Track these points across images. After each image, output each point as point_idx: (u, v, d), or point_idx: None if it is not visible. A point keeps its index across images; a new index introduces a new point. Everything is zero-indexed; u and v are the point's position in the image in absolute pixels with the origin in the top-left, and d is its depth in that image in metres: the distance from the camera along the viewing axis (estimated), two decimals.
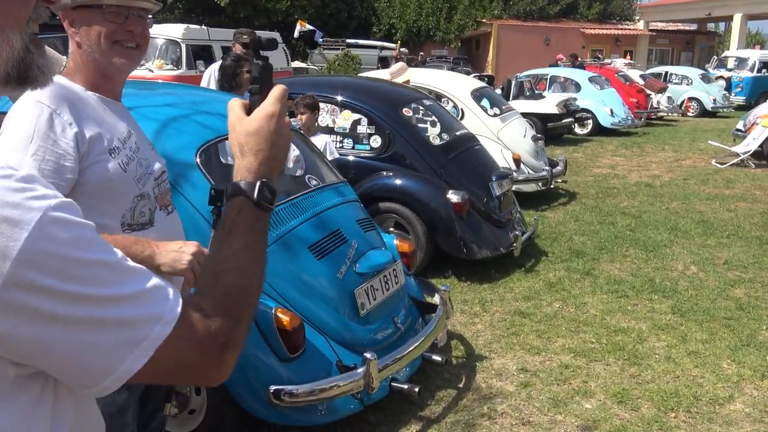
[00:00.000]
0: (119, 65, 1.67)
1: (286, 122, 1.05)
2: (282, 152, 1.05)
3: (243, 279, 0.91)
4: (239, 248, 0.93)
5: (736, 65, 22.65)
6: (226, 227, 0.96)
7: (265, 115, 1.02)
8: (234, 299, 0.88)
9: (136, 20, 1.67)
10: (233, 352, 0.86)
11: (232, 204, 0.98)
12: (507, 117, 7.99)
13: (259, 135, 1.01)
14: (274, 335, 2.69)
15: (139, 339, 0.76)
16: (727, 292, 4.94)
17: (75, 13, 1.64)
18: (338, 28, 28.30)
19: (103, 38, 1.63)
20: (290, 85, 6.13)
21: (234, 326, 0.86)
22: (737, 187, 8.96)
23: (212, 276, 0.90)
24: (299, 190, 3.40)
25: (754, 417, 3.25)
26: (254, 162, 1.01)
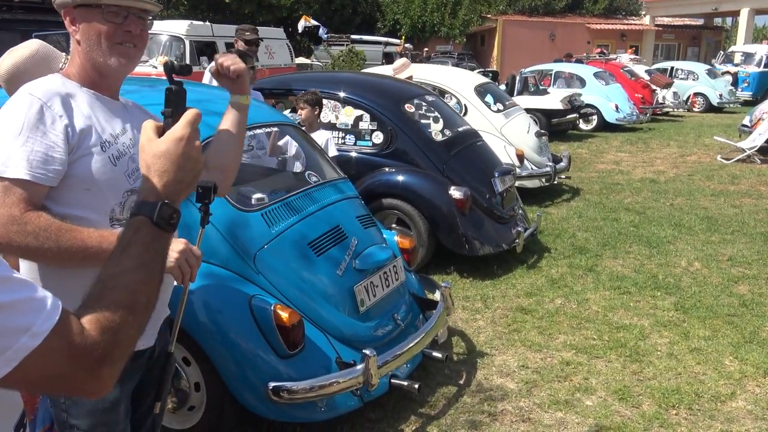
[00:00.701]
0: (117, 64, 1.67)
1: (196, 146, 1.06)
2: (189, 176, 1.06)
3: (129, 297, 0.91)
4: (131, 266, 0.94)
5: (743, 60, 22.48)
6: (122, 244, 0.97)
7: (173, 138, 1.05)
8: (116, 316, 0.88)
9: (135, 21, 1.67)
10: (110, 368, 0.87)
11: (131, 222, 0.99)
12: (511, 113, 7.96)
13: (166, 157, 1.03)
14: (273, 332, 2.70)
15: (4, 348, 0.77)
16: (731, 289, 4.91)
17: (76, 11, 1.65)
18: (343, 24, 28.25)
19: (103, 38, 1.63)
20: (293, 81, 6.14)
21: (112, 342, 0.87)
22: (742, 183, 8.91)
23: (99, 290, 0.91)
24: (299, 186, 3.40)
25: (756, 414, 3.23)
26: (159, 183, 1.03)
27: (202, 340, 2.69)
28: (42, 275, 1.64)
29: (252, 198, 3.09)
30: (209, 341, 2.69)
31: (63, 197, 1.60)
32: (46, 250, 1.51)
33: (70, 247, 1.52)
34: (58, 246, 1.51)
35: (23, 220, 1.49)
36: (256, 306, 2.73)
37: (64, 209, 1.58)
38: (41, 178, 1.53)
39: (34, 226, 1.50)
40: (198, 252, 1.79)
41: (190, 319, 2.69)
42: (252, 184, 3.38)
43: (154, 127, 1.08)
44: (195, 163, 1.07)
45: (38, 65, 2.34)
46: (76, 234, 1.53)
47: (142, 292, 0.94)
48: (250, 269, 2.85)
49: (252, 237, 2.90)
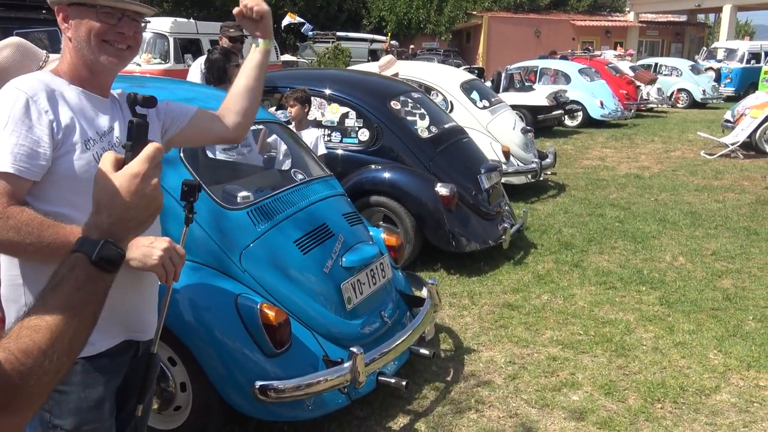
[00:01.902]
0: (107, 63, 1.66)
1: (152, 183, 1.01)
2: (143, 214, 1.01)
3: (48, 341, 0.83)
4: (58, 306, 0.86)
5: (726, 56, 22.70)
6: (54, 281, 0.90)
7: (128, 174, 0.99)
8: (29, 359, 0.80)
9: (129, 23, 1.66)
10: (11, 416, 0.79)
11: (69, 258, 0.93)
12: (496, 109, 7.98)
13: (117, 194, 0.97)
14: (259, 330, 2.68)
15: None
16: (715, 283, 4.96)
17: (69, 8, 1.63)
18: (328, 21, 28.20)
19: (93, 36, 1.62)
20: (279, 78, 6.11)
21: (18, 388, 0.79)
22: (725, 178, 9.00)
23: (18, 328, 0.83)
24: (285, 184, 3.38)
25: (739, 407, 3.27)
26: (106, 220, 0.97)
27: (187, 340, 2.67)
28: (23, 272, 1.62)
29: (237, 196, 3.07)
30: (195, 340, 2.67)
31: (46, 194, 1.58)
32: (27, 245, 1.49)
33: (52, 243, 1.50)
34: (39, 241, 1.49)
35: (5, 215, 1.47)
36: (242, 305, 2.72)
37: (47, 206, 1.56)
38: (25, 172, 1.52)
39: (16, 221, 1.48)
40: (182, 251, 1.77)
41: (176, 319, 2.67)
42: (238, 182, 3.36)
43: (113, 160, 1.01)
44: (150, 202, 1.01)
45: (18, 63, 2.31)
46: (58, 230, 1.51)
47: (64, 337, 0.85)
48: (235, 267, 2.84)
49: (238, 235, 2.88)
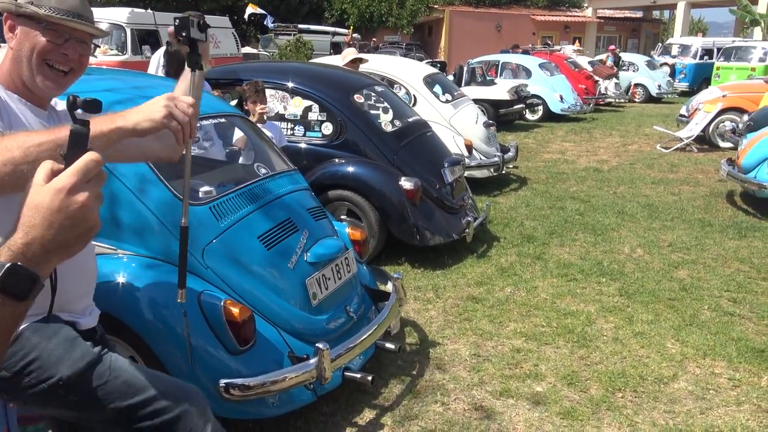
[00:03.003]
0: (42, 86, 1.61)
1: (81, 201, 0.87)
2: (66, 236, 0.86)
3: None
4: None
5: (680, 52, 23.25)
6: None
7: (52, 189, 0.85)
8: None
9: (75, 45, 1.60)
10: None
11: None
12: (459, 103, 8.02)
13: (38, 210, 0.85)
14: (223, 328, 2.64)
15: None
16: (671, 274, 5.09)
17: (18, 19, 1.58)
18: (289, 13, 27.92)
19: (36, 53, 1.57)
20: (240, 71, 6.01)
21: None
22: (681, 171, 9.23)
23: None
24: (248, 178, 3.33)
25: (696, 395, 3.36)
26: (20, 239, 0.85)
27: (149, 339, 2.61)
28: None
29: (199, 191, 3.01)
30: (156, 339, 2.62)
31: None
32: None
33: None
34: None
35: None
36: (205, 302, 2.67)
37: None
38: None
39: None
40: (190, 99, 1.65)
41: (136, 317, 2.61)
42: (199, 177, 3.29)
43: (48, 171, 0.88)
44: (77, 222, 0.87)
45: None
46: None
47: None
48: (198, 264, 2.79)
49: (200, 231, 2.83)
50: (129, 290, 2.64)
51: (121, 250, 2.77)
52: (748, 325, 4.18)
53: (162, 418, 1.75)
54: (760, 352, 3.78)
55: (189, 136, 1.64)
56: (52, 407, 1.71)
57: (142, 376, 1.79)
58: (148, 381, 1.78)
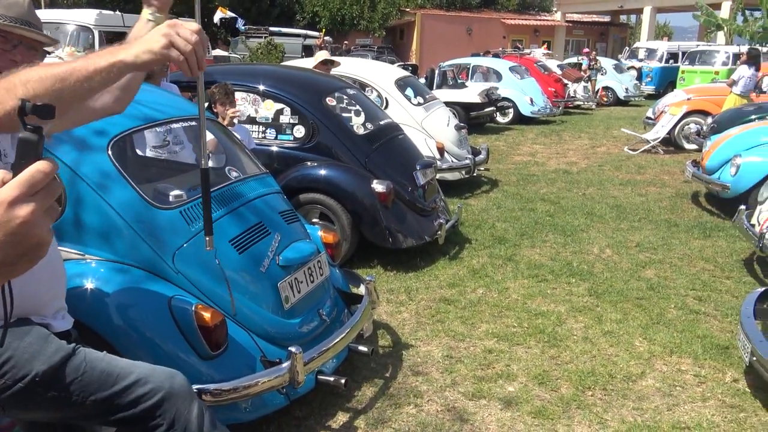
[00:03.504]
0: None
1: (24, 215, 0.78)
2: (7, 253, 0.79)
3: None
4: None
5: (647, 56, 23.72)
6: None
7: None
8: None
9: (25, 51, 1.55)
10: None
11: None
12: (430, 106, 8.07)
13: None
14: (194, 333, 2.62)
15: None
16: (639, 274, 5.18)
17: None
18: (260, 16, 27.78)
19: None
20: (211, 74, 5.96)
21: None
22: (648, 173, 9.40)
23: None
24: (219, 182, 3.31)
25: (663, 391, 3.43)
26: None
27: (119, 345, 2.58)
28: None
29: (169, 195, 2.99)
30: (127, 345, 2.58)
31: None
32: None
33: None
34: None
35: None
36: (176, 306, 2.65)
37: None
38: None
39: None
40: (194, 24, 1.49)
41: (106, 323, 2.58)
42: (169, 181, 3.27)
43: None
44: (20, 239, 0.78)
45: None
46: None
47: None
48: (168, 269, 2.76)
49: (170, 235, 2.80)
50: (97, 296, 2.60)
51: (88, 255, 2.73)
52: (712, 322, 4.28)
53: (145, 405, 1.73)
54: (725, 349, 3.87)
55: (199, 68, 1.48)
56: (33, 409, 1.68)
57: (120, 364, 1.77)
58: (126, 368, 1.75)
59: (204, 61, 1.49)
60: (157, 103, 3.31)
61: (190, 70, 1.47)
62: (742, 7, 22.81)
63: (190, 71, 1.47)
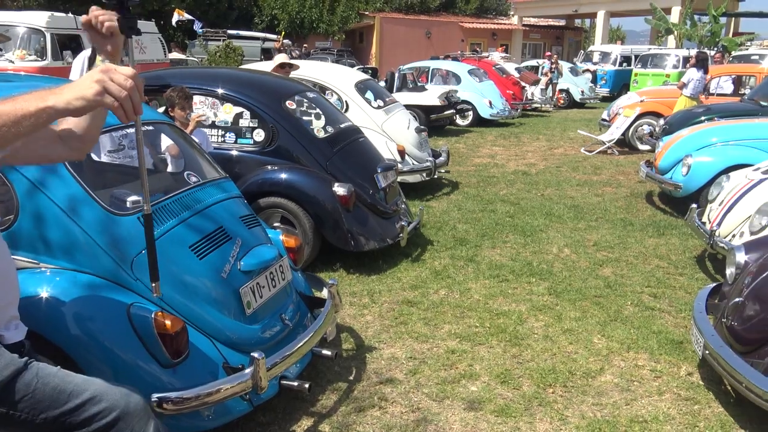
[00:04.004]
0: None
1: None
2: None
3: None
4: None
5: (601, 59, 24.26)
6: None
7: None
8: None
9: None
10: None
11: None
12: (391, 109, 8.10)
13: None
14: (154, 341, 2.58)
15: None
16: (597, 272, 5.30)
17: None
18: (218, 19, 27.49)
19: None
20: (168, 77, 5.88)
21: None
22: (604, 173, 9.62)
23: None
24: (177, 187, 3.26)
25: (621, 387, 3.51)
26: None
27: (76, 355, 2.52)
28: None
29: (127, 201, 2.93)
30: (84, 355, 2.53)
31: None
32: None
33: None
34: None
35: None
36: (135, 314, 2.60)
37: None
38: None
39: None
40: (128, 69, 1.44)
41: (62, 333, 2.52)
42: (126, 187, 3.20)
43: None
44: None
45: None
46: None
47: None
48: (127, 276, 2.71)
49: (128, 242, 2.75)
50: (53, 305, 2.54)
51: (43, 263, 2.66)
52: (667, 318, 4.40)
53: (99, 424, 1.68)
54: (679, 344, 3.98)
55: (135, 113, 1.44)
56: None
57: (75, 380, 1.72)
58: (80, 385, 1.70)
59: (140, 105, 1.45)
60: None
61: (126, 116, 1.42)
62: (691, 13, 23.57)
63: (125, 117, 1.43)
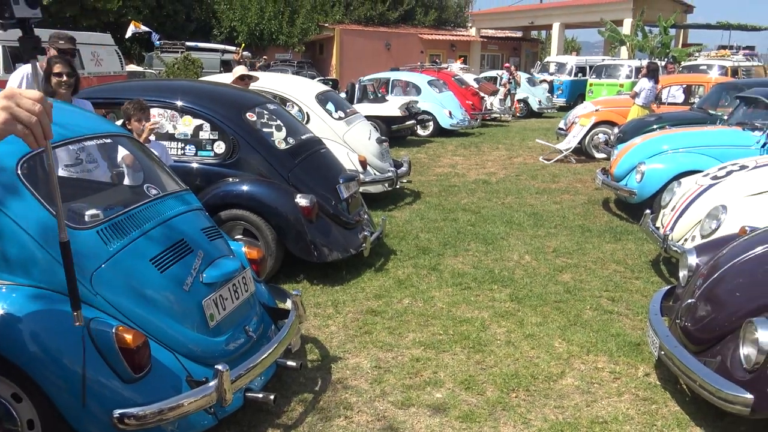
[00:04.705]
0: None
1: None
2: None
3: None
4: None
5: (557, 70, 24.80)
6: None
7: None
8: None
9: None
10: None
11: None
12: (352, 120, 8.14)
13: None
14: (115, 355, 2.54)
15: None
16: (557, 278, 5.40)
17: None
18: (176, 30, 27.18)
19: None
20: (126, 89, 5.81)
21: None
22: (562, 181, 9.82)
23: None
24: (137, 200, 3.23)
25: (582, 389, 3.59)
26: None
27: (33, 373, 2.46)
28: None
29: (85, 215, 2.89)
30: (42, 373, 2.48)
31: None
32: None
33: None
34: None
35: None
36: (95, 330, 2.56)
37: None
38: None
39: None
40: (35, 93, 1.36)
41: (19, 350, 2.46)
42: (84, 200, 3.16)
43: None
44: None
45: None
46: None
47: None
48: (86, 291, 2.67)
49: (87, 256, 2.71)
50: (9, 323, 2.48)
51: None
52: (625, 321, 4.52)
53: None
54: (637, 346, 4.09)
55: (45, 137, 1.36)
56: None
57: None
58: None
59: (50, 129, 1.39)
60: (68, 121, 3.20)
61: (36, 141, 1.37)
62: (641, 25, 24.30)
63: (36, 143, 1.37)
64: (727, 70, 16.36)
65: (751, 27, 29.11)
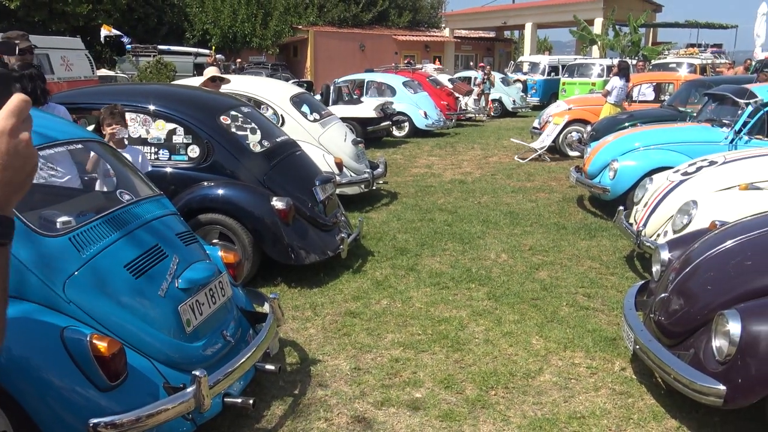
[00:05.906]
0: None
1: (23, 139, 0.90)
2: (19, 176, 0.91)
3: None
4: None
5: (530, 69, 25.02)
6: None
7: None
8: None
9: None
10: None
11: None
12: (327, 122, 8.13)
13: None
14: (90, 364, 2.51)
15: None
16: (533, 275, 5.45)
17: None
18: (147, 34, 26.88)
19: None
20: (98, 94, 5.74)
21: None
22: (537, 180, 9.91)
23: None
24: (110, 206, 3.19)
25: (560, 385, 3.63)
26: None
27: (6, 383, 2.42)
28: None
29: (57, 222, 2.85)
30: (16, 383, 2.43)
31: None
32: None
33: None
34: None
35: None
36: (68, 338, 2.52)
37: None
38: None
39: None
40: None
41: None
42: (56, 207, 3.12)
43: None
44: (25, 161, 0.90)
45: None
46: None
47: None
48: (59, 299, 2.63)
49: (59, 264, 2.67)
50: None
51: None
52: (601, 317, 4.58)
53: None
54: (612, 341, 4.15)
55: None
56: None
57: None
58: None
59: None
60: (40, 126, 3.15)
61: None
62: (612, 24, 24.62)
63: None
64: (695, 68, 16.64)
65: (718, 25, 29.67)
